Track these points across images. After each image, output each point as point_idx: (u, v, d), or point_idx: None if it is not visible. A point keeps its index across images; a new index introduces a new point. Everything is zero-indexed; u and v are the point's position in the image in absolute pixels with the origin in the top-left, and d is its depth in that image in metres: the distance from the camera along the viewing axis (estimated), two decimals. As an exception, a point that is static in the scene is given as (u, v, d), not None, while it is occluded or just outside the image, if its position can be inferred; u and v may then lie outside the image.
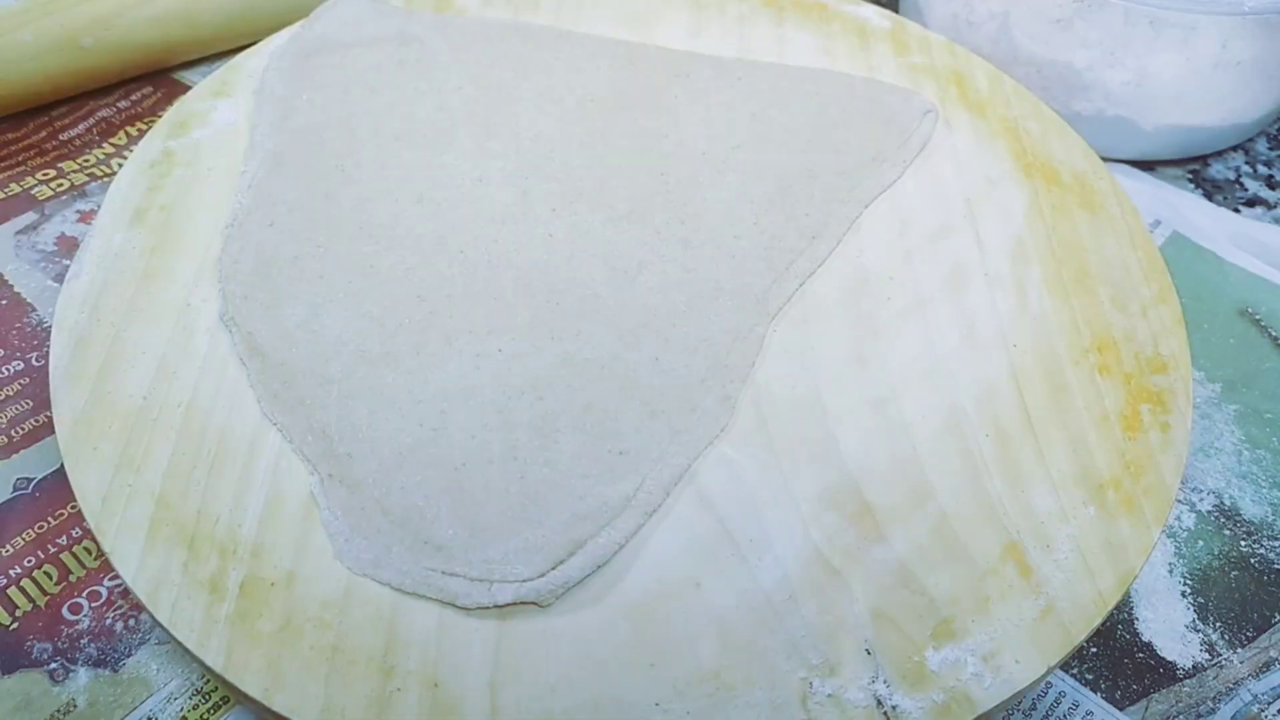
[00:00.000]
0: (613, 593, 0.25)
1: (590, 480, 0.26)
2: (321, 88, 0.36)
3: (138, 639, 0.28)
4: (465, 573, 0.24)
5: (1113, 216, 0.34)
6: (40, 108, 0.44)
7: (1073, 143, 0.37)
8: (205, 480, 0.26)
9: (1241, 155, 0.47)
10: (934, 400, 0.29)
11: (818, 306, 0.31)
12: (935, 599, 0.25)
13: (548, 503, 0.25)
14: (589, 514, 0.25)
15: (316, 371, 0.28)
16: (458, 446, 0.26)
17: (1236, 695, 0.29)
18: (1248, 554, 0.32)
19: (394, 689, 0.23)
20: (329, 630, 0.24)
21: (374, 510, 0.25)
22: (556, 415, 0.27)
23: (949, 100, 0.38)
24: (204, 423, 0.27)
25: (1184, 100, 0.42)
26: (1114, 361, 0.30)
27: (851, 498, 0.26)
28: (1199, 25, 0.39)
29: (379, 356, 0.28)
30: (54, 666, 0.28)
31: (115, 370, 0.28)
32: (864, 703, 0.23)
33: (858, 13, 0.41)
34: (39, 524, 0.31)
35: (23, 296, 0.37)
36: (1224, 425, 0.35)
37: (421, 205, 0.32)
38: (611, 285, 0.30)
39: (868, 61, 0.39)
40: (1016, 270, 0.32)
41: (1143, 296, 0.32)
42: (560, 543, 0.24)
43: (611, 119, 0.35)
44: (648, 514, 0.26)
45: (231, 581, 0.24)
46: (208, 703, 0.27)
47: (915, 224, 0.33)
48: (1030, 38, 0.42)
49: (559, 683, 0.23)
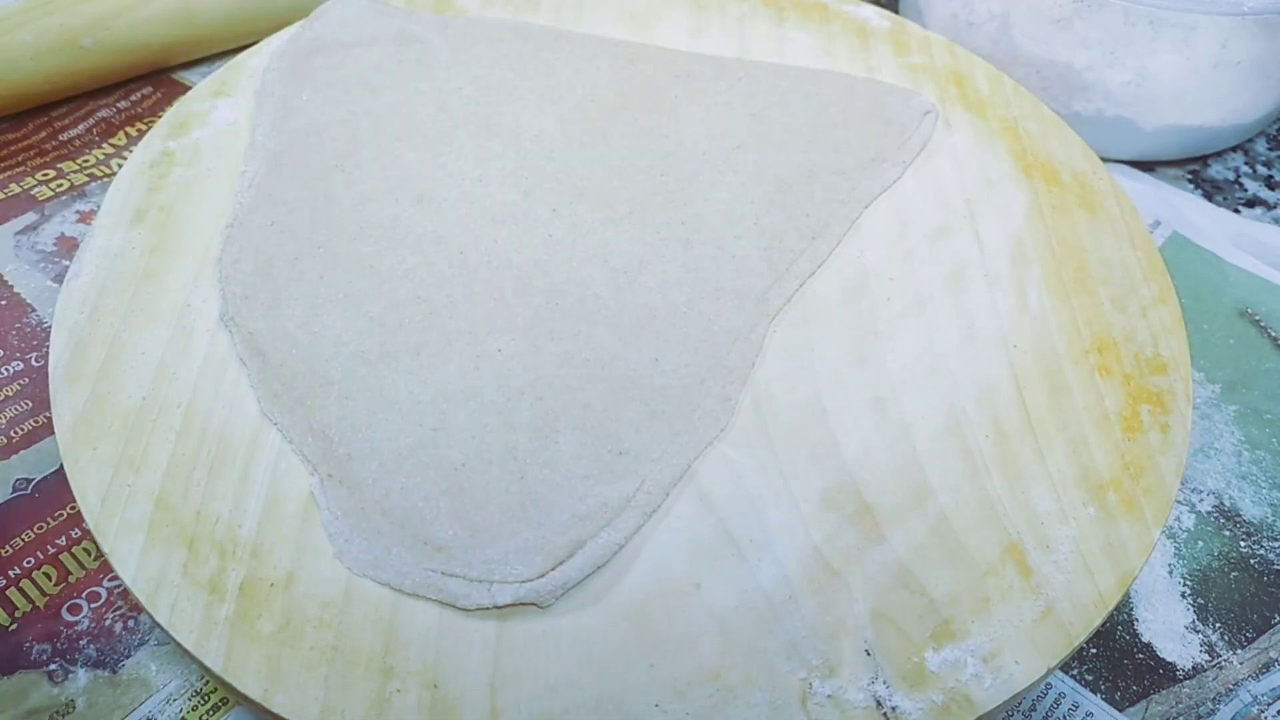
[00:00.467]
0: (613, 593, 0.24)
1: (590, 481, 0.26)
2: (321, 88, 0.36)
3: (137, 640, 0.28)
4: (465, 573, 0.24)
5: (1112, 217, 0.34)
6: (40, 108, 0.44)
7: (1072, 143, 0.37)
8: (205, 481, 0.26)
9: (1241, 155, 0.47)
10: (934, 400, 0.29)
11: (818, 306, 0.31)
12: (935, 600, 0.25)
13: (547, 503, 0.25)
14: (589, 514, 0.25)
15: (316, 372, 0.28)
16: (457, 447, 0.26)
17: (1236, 696, 0.29)
18: (1247, 555, 0.32)
19: (394, 690, 0.23)
20: (329, 631, 0.24)
21: (374, 511, 0.25)
22: (556, 415, 0.27)
23: (949, 100, 0.38)
24: (204, 423, 0.27)
25: (1184, 100, 0.42)
26: (1114, 362, 0.30)
27: (851, 498, 0.26)
28: (1199, 25, 0.39)
29: (379, 357, 0.28)
30: (53, 667, 0.28)
31: (115, 370, 0.28)
32: (864, 703, 0.23)
33: (858, 13, 0.41)
34: (38, 524, 0.31)
35: (23, 296, 0.37)
36: (1224, 426, 0.35)
37: (421, 205, 0.32)
38: (611, 285, 0.30)
39: (868, 61, 0.39)
40: (1016, 270, 0.32)
41: (1142, 297, 0.32)
42: (560, 543, 0.24)
43: (611, 119, 0.35)
44: (647, 514, 0.26)
45: (231, 582, 0.24)
46: (207, 704, 0.27)
47: (915, 224, 0.33)
48: (1030, 38, 0.42)
49: (559, 683, 0.23)
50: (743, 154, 0.34)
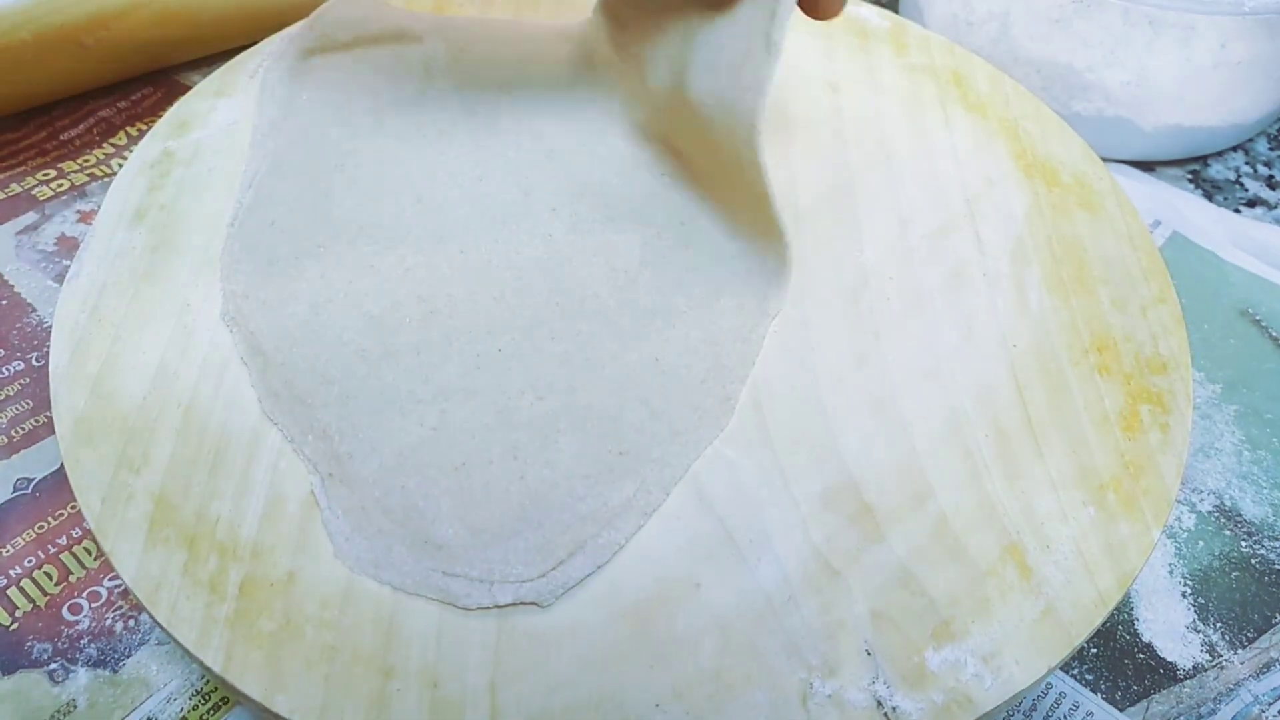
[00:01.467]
0: (613, 593, 0.24)
1: (591, 480, 0.26)
2: (321, 88, 0.36)
3: (137, 639, 0.28)
4: (466, 573, 0.24)
5: (1112, 217, 0.34)
6: (40, 108, 0.44)
7: (1073, 143, 0.37)
8: (205, 480, 0.26)
9: (1241, 155, 0.47)
10: (934, 400, 0.29)
11: (818, 306, 0.31)
12: (935, 600, 0.25)
13: (548, 503, 0.25)
14: (590, 514, 0.25)
15: (317, 371, 0.28)
16: (458, 446, 0.26)
17: (1237, 696, 0.29)
18: (1248, 554, 0.32)
19: (394, 689, 0.23)
20: (329, 630, 0.24)
21: (375, 510, 0.25)
22: (557, 415, 0.27)
23: (949, 100, 0.38)
24: (204, 423, 0.27)
25: (1184, 100, 0.42)
26: (1114, 362, 0.30)
27: (851, 498, 0.26)
28: (1199, 25, 0.39)
29: (379, 356, 0.28)
30: (54, 667, 0.28)
31: (115, 370, 0.28)
32: (864, 703, 0.23)
33: (857, 12, 0.41)
34: (39, 524, 0.31)
35: (23, 296, 0.37)
36: (1224, 426, 0.35)
37: (421, 205, 0.32)
38: (611, 285, 0.30)
39: (868, 61, 0.39)
40: (1016, 270, 0.32)
41: (1143, 297, 0.32)
42: (561, 543, 0.24)
43: (612, 118, 0.35)
44: (648, 514, 0.26)
45: (231, 582, 0.24)
46: (207, 703, 0.27)
47: (915, 224, 0.33)
48: (1030, 38, 0.42)
49: (559, 683, 0.23)
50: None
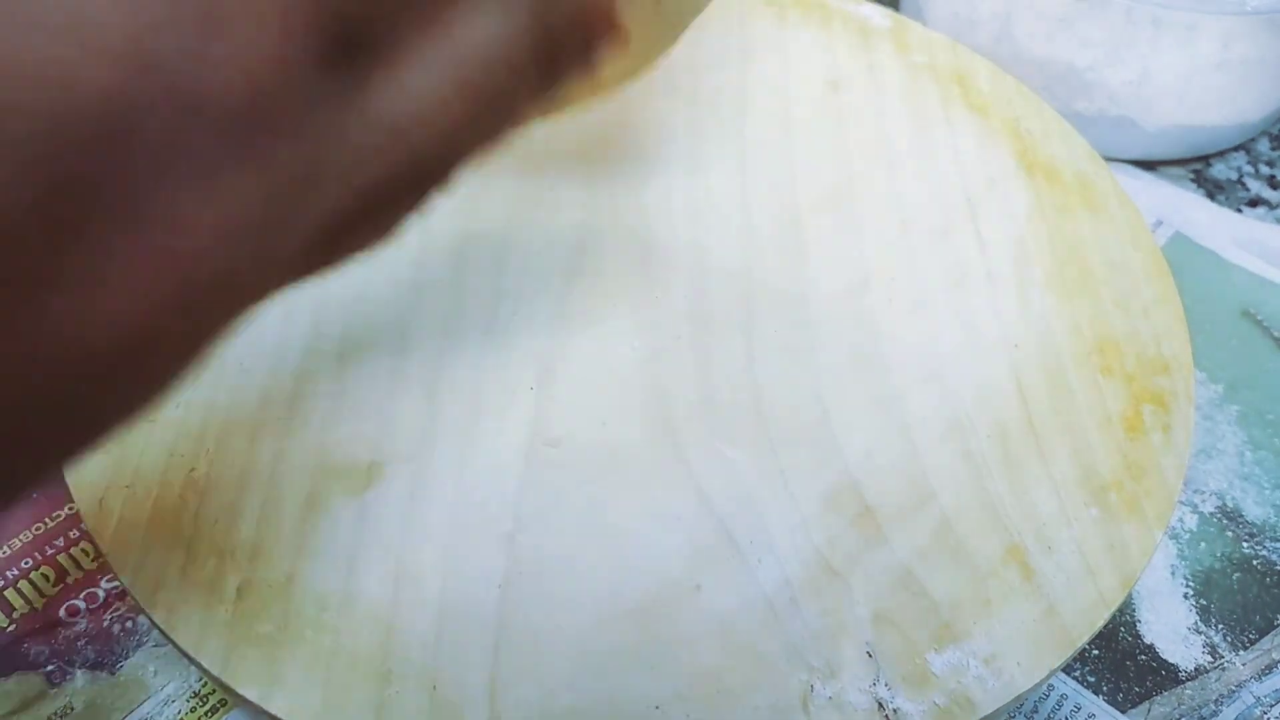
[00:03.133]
0: (613, 595, 0.24)
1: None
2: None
3: (135, 641, 0.28)
4: None
5: (1114, 217, 0.34)
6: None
7: (1075, 142, 0.37)
8: (204, 482, 0.26)
9: (1244, 155, 0.47)
10: (935, 401, 0.29)
11: (818, 306, 0.31)
12: (937, 601, 0.25)
13: None
14: None
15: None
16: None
17: (1239, 697, 0.29)
18: (1250, 556, 0.32)
19: (393, 691, 0.23)
20: (327, 633, 0.23)
21: None
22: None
23: (951, 100, 0.38)
24: (203, 423, 0.27)
25: (1186, 100, 0.42)
26: (1116, 362, 0.30)
27: (852, 499, 0.26)
28: (1201, 25, 0.39)
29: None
30: (51, 669, 0.28)
31: (113, 371, 0.28)
32: (865, 705, 0.23)
33: (858, 11, 0.41)
34: (36, 525, 0.31)
35: (21, 296, 0.37)
36: (1226, 426, 0.35)
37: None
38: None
39: (869, 60, 0.39)
40: (1018, 270, 0.32)
41: (1145, 297, 0.32)
42: None
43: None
44: None
45: (229, 584, 0.24)
46: (205, 705, 0.27)
47: (917, 224, 0.33)
48: (1032, 37, 0.42)
49: (559, 684, 0.23)
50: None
